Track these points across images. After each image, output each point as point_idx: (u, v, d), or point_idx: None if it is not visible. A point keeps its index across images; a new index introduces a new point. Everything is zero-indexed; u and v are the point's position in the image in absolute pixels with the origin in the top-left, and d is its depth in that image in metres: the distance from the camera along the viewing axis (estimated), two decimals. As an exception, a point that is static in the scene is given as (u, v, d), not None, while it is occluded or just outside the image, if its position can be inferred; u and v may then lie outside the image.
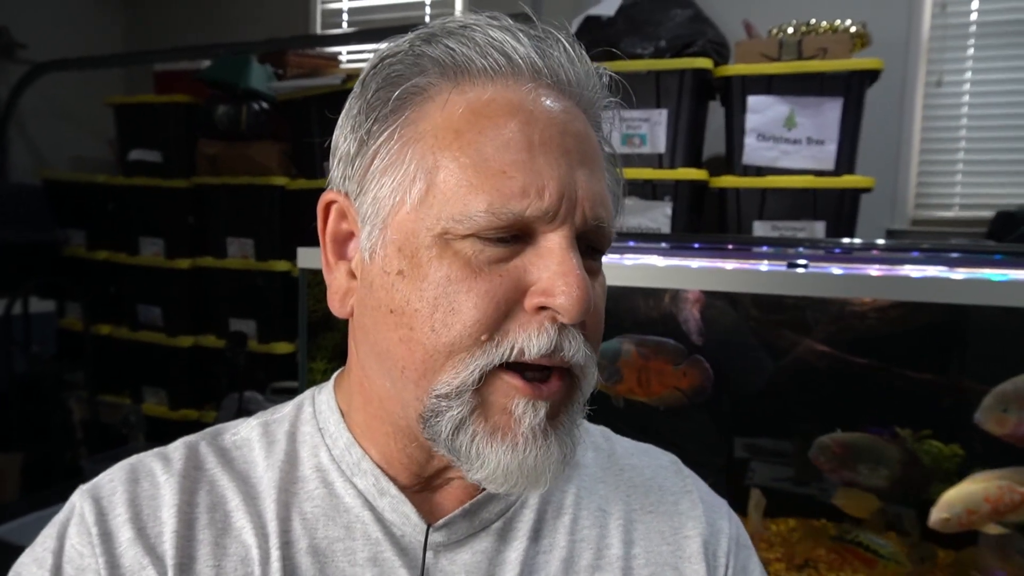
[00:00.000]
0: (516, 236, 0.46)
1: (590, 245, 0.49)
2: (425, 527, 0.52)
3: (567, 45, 0.50)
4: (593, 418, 0.58)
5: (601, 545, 0.56)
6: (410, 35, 0.50)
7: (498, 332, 0.46)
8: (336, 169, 0.52)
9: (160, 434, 2.66)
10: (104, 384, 2.72)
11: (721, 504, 0.63)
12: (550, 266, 0.45)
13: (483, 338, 0.45)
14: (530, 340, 0.45)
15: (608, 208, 0.49)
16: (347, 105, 0.52)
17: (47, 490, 2.14)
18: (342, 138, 0.52)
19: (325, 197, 0.53)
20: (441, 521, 0.53)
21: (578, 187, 0.47)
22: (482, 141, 0.46)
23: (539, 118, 0.47)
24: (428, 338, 0.46)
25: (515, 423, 0.46)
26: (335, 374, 0.59)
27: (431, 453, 0.51)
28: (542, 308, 0.46)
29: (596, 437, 0.64)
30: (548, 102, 0.48)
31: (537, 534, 0.55)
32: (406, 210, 0.47)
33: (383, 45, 0.51)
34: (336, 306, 0.53)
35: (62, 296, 2.79)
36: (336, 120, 0.54)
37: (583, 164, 0.47)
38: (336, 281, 0.53)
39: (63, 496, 0.53)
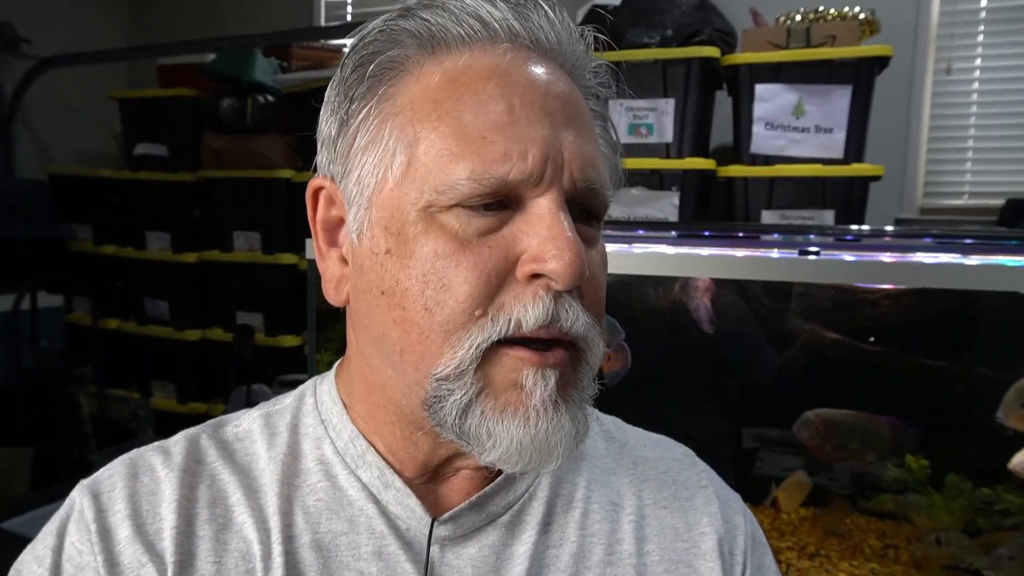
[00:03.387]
0: (503, 204, 0.45)
1: (586, 210, 0.48)
2: (430, 520, 0.51)
3: (547, 9, 0.48)
4: (601, 407, 0.57)
5: (612, 540, 0.55)
6: (386, 15, 0.49)
7: (492, 306, 0.44)
8: (321, 154, 0.51)
9: (168, 428, 2.63)
10: (112, 378, 2.73)
11: (735, 499, 0.62)
12: (540, 231, 0.44)
13: (477, 313, 0.44)
14: (526, 311, 0.44)
15: (600, 170, 0.47)
16: (328, 89, 0.51)
17: (56, 484, 2.15)
18: (324, 122, 0.51)
19: (313, 184, 0.52)
20: (447, 514, 0.52)
21: (564, 148, 0.45)
22: (461, 109, 0.44)
23: (518, 81, 0.45)
24: (422, 317, 0.45)
25: (526, 396, 0.45)
26: (336, 364, 0.58)
27: (437, 440, 0.50)
28: (535, 276, 0.44)
29: (608, 426, 0.63)
30: (528, 64, 0.46)
31: (546, 527, 0.54)
32: (389, 186, 0.46)
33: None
34: (331, 294, 0.52)
35: (69, 291, 2.80)
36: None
37: (569, 125, 0.46)
38: (329, 269, 0.52)
39: (72, 490, 0.53)
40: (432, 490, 0.53)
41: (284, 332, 2.52)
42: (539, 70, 0.46)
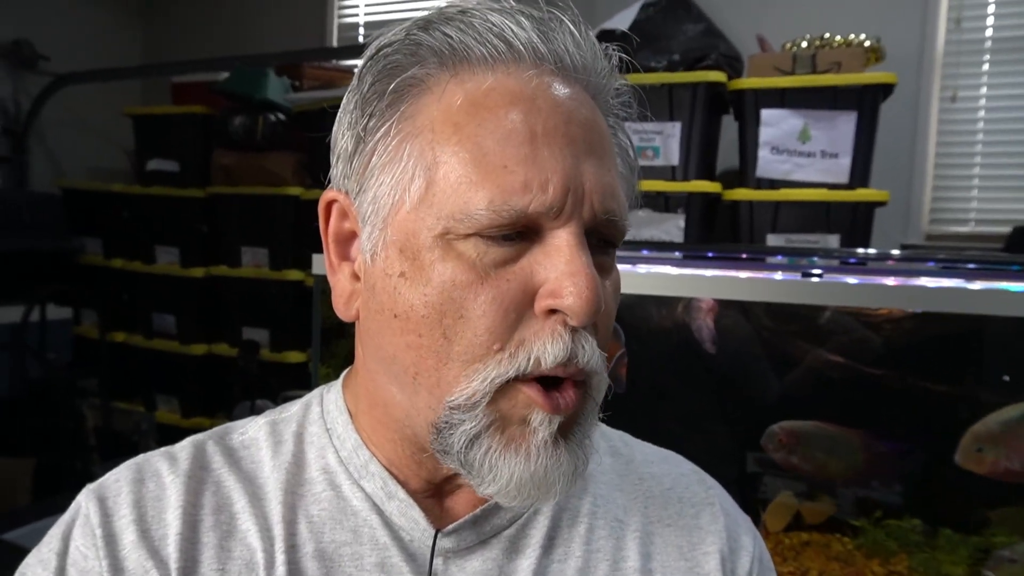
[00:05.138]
0: (521, 234, 0.44)
1: (602, 239, 0.47)
2: (434, 532, 0.51)
3: (572, 28, 0.47)
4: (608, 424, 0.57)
5: (617, 557, 0.54)
6: (407, 23, 0.48)
7: (511, 341, 0.44)
8: (335, 167, 0.50)
9: (171, 442, 2.64)
10: (117, 391, 2.74)
11: (745, 519, 0.61)
12: (558, 265, 0.43)
13: (496, 347, 0.43)
14: (545, 348, 0.43)
15: (620, 200, 0.47)
16: (344, 99, 0.50)
17: (58, 496, 2.15)
18: (340, 135, 0.50)
19: (326, 196, 0.51)
20: (450, 527, 0.51)
21: (585, 179, 0.44)
22: (482, 134, 0.44)
23: (542, 107, 0.44)
24: (440, 345, 0.44)
25: (531, 434, 0.45)
26: (344, 373, 0.58)
27: (439, 462, 0.49)
28: (552, 311, 0.44)
29: (615, 442, 0.62)
30: (552, 89, 0.45)
31: (551, 543, 0.53)
32: (406, 209, 0.45)
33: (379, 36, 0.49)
34: (341, 309, 0.51)
35: (78, 303, 2.82)
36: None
37: (591, 154, 0.45)
38: (340, 283, 0.51)
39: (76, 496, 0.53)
40: (436, 502, 0.53)
41: (289, 348, 2.53)
42: (563, 95, 0.46)
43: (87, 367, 2.69)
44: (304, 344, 2.52)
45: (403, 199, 0.45)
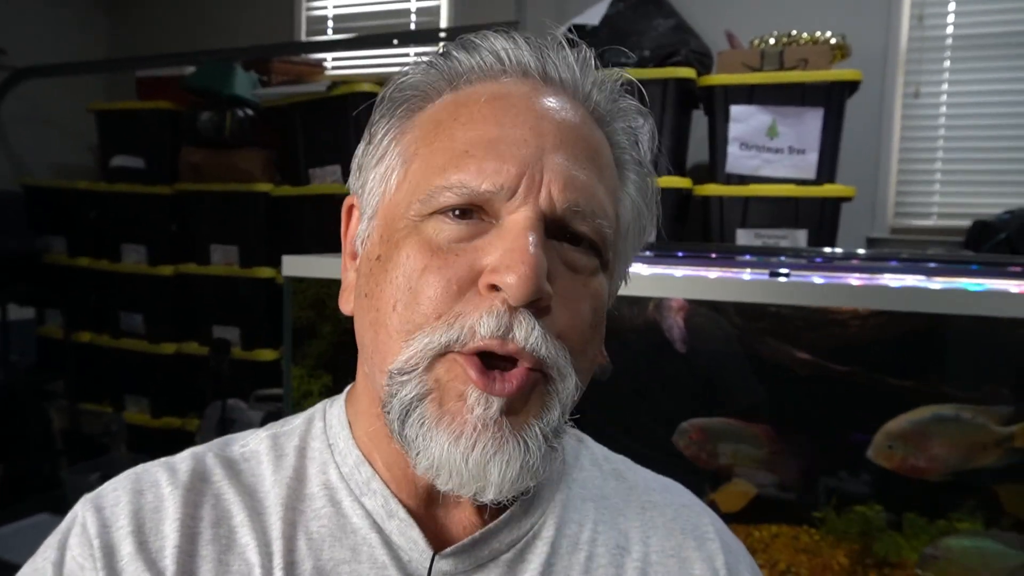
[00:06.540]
0: (482, 218, 0.46)
1: (575, 235, 0.47)
2: (431, 554, 0.50)
3: (568, 52, 0.50)
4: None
5: None
6: (436, 50, 0.53)
7: (450, 313, 0.44)
8: (353, 175, 0.55)
9: (142, 443, 2.63)
10: (85, 393, 2.70)
11: (742, 551, 0.61)
12: (504, 244, 0.44)
13: (434, 317, 0.44)
14: (480, 319, 0.43)
15: (592, 198, 0.47)
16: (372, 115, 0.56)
17: (26, 501, 2.12)
18: (359, 144, 0.55)
19: (348, 201, 0.56)
20: (448, 550, 0.51)
21: (546, 168, 0.45)
22: (455, 127, 0.48)
23: (515, 104, 0.48)
24: (389, 318, 0.46)
25: (467, 410, 0.43)
26: (348, 388, 0.57)
27: None
28: (494, 287, 0.44)
29: (618, 465, 0.62)
30: (531, 91, 0.49)
31: (549, 569, 0.52)
32: (388, 198, 0.49)
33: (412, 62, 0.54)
34: (341, 302, 0.54)
35: (42, 304, 2.76)
36: (319, 126, 0.56)
37: (560, 149, 0.46)
38: (346, 279, 0.54)
39: (42, 507, 0.52)
40: (435, 519, 0.52)
41: (261, 346, 2.50)
42: (544, 98, 0.49)
43: (52, 368, 2.64)
44: (276, 342, 2.50)
45: (386, 189, 0.50)
